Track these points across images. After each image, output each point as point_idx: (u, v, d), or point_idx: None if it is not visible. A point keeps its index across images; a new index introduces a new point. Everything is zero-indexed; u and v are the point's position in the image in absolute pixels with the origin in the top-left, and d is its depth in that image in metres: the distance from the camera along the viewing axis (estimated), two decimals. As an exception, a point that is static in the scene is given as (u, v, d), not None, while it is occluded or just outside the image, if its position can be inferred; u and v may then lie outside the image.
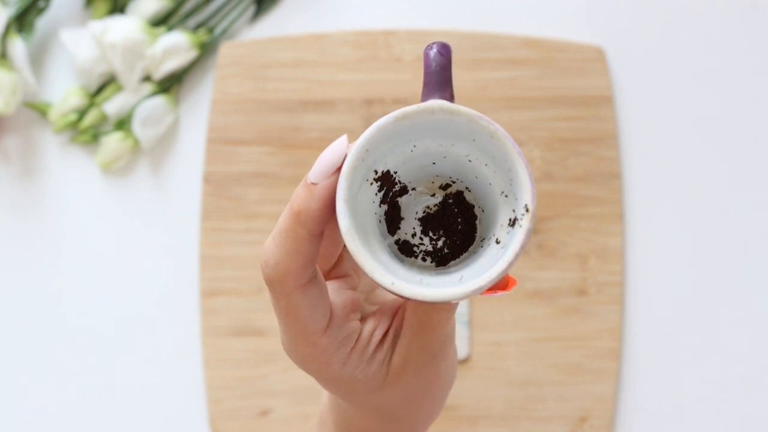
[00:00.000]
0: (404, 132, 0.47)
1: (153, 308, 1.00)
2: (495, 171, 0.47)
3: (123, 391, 0.99)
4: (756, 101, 1.00)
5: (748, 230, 0.99)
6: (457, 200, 0.50)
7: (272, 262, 0.49)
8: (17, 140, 1.01)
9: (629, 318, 0.99)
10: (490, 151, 0.47)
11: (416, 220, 0.50)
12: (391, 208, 0.50)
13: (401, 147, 0.48)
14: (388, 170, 0.48)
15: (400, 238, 0.50)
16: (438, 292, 0.46)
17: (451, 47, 0.48)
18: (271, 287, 0.50)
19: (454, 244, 0.50)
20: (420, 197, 0.50)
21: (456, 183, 0.50)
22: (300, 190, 0.48)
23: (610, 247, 0.98)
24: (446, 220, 0.50)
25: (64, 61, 1.02)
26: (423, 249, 0.50)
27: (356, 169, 0.47)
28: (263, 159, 0.99)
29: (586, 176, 0.98)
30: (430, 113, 0.46)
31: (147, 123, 0.99)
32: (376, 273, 0.46)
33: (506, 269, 0.46)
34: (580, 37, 1.00)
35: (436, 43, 0.48)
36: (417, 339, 0.52)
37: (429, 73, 0.47)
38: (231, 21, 1.01)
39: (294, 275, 0.49)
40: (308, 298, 0.50)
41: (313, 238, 0.49)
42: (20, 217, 1.01)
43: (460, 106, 0.46)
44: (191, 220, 1.00)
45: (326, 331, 0.51)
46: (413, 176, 0.49)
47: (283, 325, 0.51)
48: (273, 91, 1.00)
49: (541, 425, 0.97)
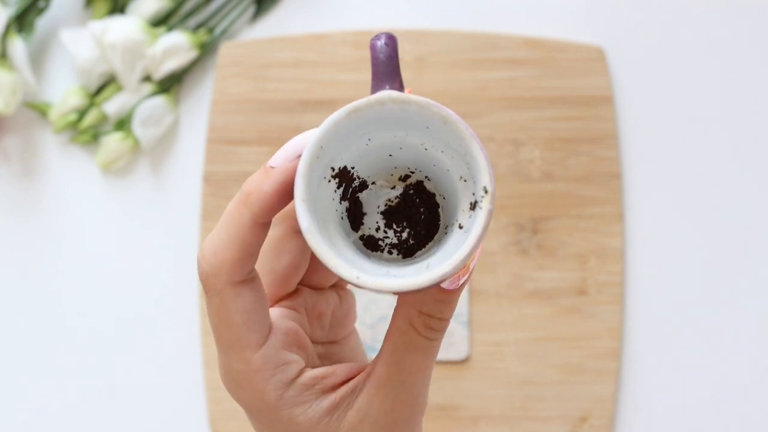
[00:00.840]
0: (358, 126, 0.46)
1: (153, 308, 1.00)
2: (452, 157, 0.47)
3: (123, 391, 0.99)
4: (756, 101, 1.00)
5: (749, 230, 0.99)
6: (418, 190, 0.49)
7: (209, 252, 0.47)
8: (17, 140, 1.01)
9: (629, 318, 0.99)
10: (445, 137, 0.46)
11: (379, 214, 0.49)
12: (352, 204, 0.49)
13: (356, 142, 0.47)
14: (345, 166, 0.48)
15: (365, 233, 0.49)
16: (403, 281, 0.45)
17: (397, 38, 0.48)
18: (204, 285, 0.48)
19: (418, 234, 0.49)
20: (380, 191, 0.49)
21: (415, 173, 0.49)
22: (256, 173, 0.47)
23: (610, 247, 0.98)
24: (408, 211, 0.49)
25: (64, 61, 1.02)
26: (388, 242, 0.49)
27: (312, 166, 0.46)
28: (263, 159, 0.99)
29: (586, 176, 0.98)
30: (381, 104, 0.46)
31: (147, 123, 0.99)
32: (340, 268, 0.45)
33: (470, 252, 0.45)
34: (580, 37, 1.00)
35: (383, 34, 0.47)
36: (383, 393, 0.48)
37: (377, 64, 0.47)
38: (231, 21, 1.01)
39: (229, 267, 0.47)
40: (242, 300, 0.47)
41: (257, 226, 0.47)
42: (20, 217, 1.01)
43: (410, 95, 0.46)
44: (191, 220, 1.00)
45: (262, 347, 0.48)
46: (372, 170, 0.49)
47: (216, 336, 0.48)
48: (273, 91, 1.00)
49: (541, 425, 0.97)
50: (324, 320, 0.53)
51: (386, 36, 0.47)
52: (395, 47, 0.47)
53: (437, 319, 0.48)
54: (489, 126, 0.99)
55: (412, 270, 0.47)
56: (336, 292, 0.54)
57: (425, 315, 0.48)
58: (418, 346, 0.48)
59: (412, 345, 0.48)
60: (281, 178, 0.46)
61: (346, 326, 0.54)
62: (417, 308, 0.48)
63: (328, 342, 0.53)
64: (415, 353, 0.48)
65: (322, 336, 0.53)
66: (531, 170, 0.98)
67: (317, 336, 0.53)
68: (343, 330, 0.54)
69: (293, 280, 0.51)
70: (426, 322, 0.48)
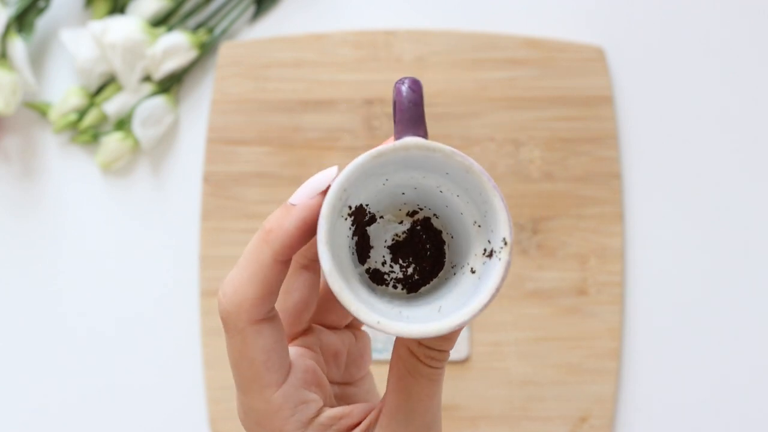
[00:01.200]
0: (378, 168, 0.47)
1: (153, 308, 1.00)
2: (467, 202, 0.47)
3: (123, 392, 0.99)
4: (756, 101, 1.00)
5: (749, 230, 0.99)
6: (425, 226, 0.50)
7: (230, 290, 0.47)
8: (17, 140, 1.01)
9: (629, 318, 0.99)
10: (464, 184, 0.47)
11: (386, 248, 0.50)
12: (360, 238, 0.49)
13: (374, 182, 0.48)
14: (361, 204, 0.48)
15: (371, 266, 0.49)
16: (424, 328, 0.45)
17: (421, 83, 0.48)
18: (225, 323, 0.47)
19: (423, 270, 0.49)
20: (388, 225, 0.50)
21: (423, 210, 0.49)
22: (276, 211, 0.47)
23: (610, 247, 0.98)
24: (415, 246, 0.50)
25: (64, 61, 1.02)
26: (393, 276, 0.50)
27: (335, 208, 0.46)
28: (263, 159, 0.99)
29: (586, 176, 0.98)
30: (405, 150, 0.46)
31: (147, 123, 0.99)
32: (361, 313, 0.45)
33: (489, 301, 0.45)
34: (580, 37, 1.00)
35: (407, 79, 0.47)
36: (394, 424, 0.48)
37: (402, 110, 0.47)
38: (231, 21, 1.01)
39: (250, 305, 0.47)
40: (263, 339, 0.47)
41: (277, 264, 0.46)
42: (20, 217, 1.01)
43: (436, 143, 0.46)
44: (191, 220, 1.00)
45: (282, 386, 0.48)
46: (382, 206, 0.49)
47: (236, 374, 0.48)
48: (273, 91, 1.00)
49: (541, 425, 0.97)
50: (340, 360, 0.53)
51: (411, 80, 0.47)
52: (420, 92, 0.47)
53: (438, 351, 0.48)
54: (489, 126, 0.99)
55: (424, 312, 0.47)
56: (351, 332, 0.54)
57: (425, 347, 0.48)
58: (422, 373, 0.48)
59: (416, 372, 0.48)
60: (302, 215, 0.46)
61: (361, 367, 0.54)
62: (417, 341, 0.48)
63: (344, 383, 0.53)
64: (420, 379, 0.48)
65: (338, 376, 0.53)
66: (531, 170, 0.98)
67: (333, 376, 0.53)
68: (359, 371, 0.54)
69: (304, 317, 0.51)
70: (426, 353, 0.48)
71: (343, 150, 0.98)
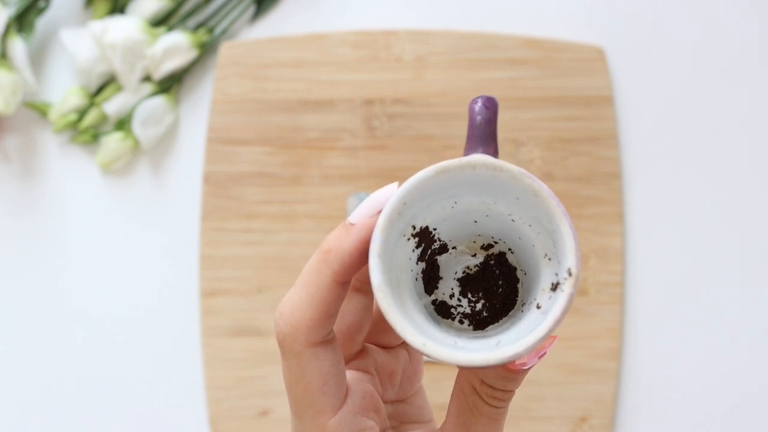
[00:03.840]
0: (444, 187, 0.45)
1: (153, 308, 1.00)
2: (539, 232, 0.45)
3: (123, 391, 0.99)
4: (756, 101, 1.00)
5: (749, 230, 0.99)
6: (499, 262, 0.47)
7: (287, 311, 0.46)
8: (17, 140, 1.01)
9: (629, 318, 0.99)
10: (534, 210, 0.45)
11: (455, 280, 0.48)
12: (429, 267, 0.47)
13: (441, 203, 0.46)
14: (427, 226, 0.46)
15: (438, 298, 0.48)
16: (471, 356, 0.43)
17: (497, 101, 0.46)
18: (281, 345, 0.46)
19: (493, 308, 0.47)
20: (460, 257, 0.48)
21: (498, 243, 0.47)
22: (335, 230, 0.45)
23: (610, 247, 0.98)
24: (487, 282, 0.47)
25: (64, 61, 1.02)
26: (461, 311, 0.47)
27: (393, 222, 0.44)
28: (263, 159, 0.99)
29: (586, 176, 0.98)
30: (472, 168, 0.44)
31: (147, 123, 0.99)
32: (407, 333, 0.43)
33: (546, 335, 0.43)
34: (580, 37, 1.00)
35: (481, 97, 0.46)
36: None
37: (473, 126, 0.46)
38: (231, 21, 1.01)
39: (308, 327, 0.45)
40: (320, 362, 0.46)
41: (337, 285, 0.45)
42: (20, 217, 1.01)
43: (504, 162, 0.44)
44: (191, 220, 1.00)
45: (338, 412, 0.46)
46: (454, 234, 0.47)
47: (291, 398, 0.47)
48: (273, 91, 1.00)
49: (541, 425, 0.97)
50: (395, 379, 0.52)
51: (485, 99, 0.46)
52: (495, 111, 0.46)
53: (501, 391, 0.47)
54: (489, 126, 0.99)
55: (481, 345, 0.45)
56: (405, 350, 0.53)
57: (487, 386, 0.47)
58: (482, 411, 0.47)
59: (477, 409, 0.47)
60: (362, 235, 0.45)
61: (414, 383, 0.53)
62: (480, 377, 0.47)
63: (397, 401, 0.52)
64: (481, 418, 0.47)
65: (393, 395, 0.52)
66: (531, 170, 0.98)
67: (388, 396, 0.52)
68: (412, 387, 0.53)
69: (358, 339, 0.50)
70: (489, 393, 0.47)
71: (343, 150, 0.98)
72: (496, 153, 0.46)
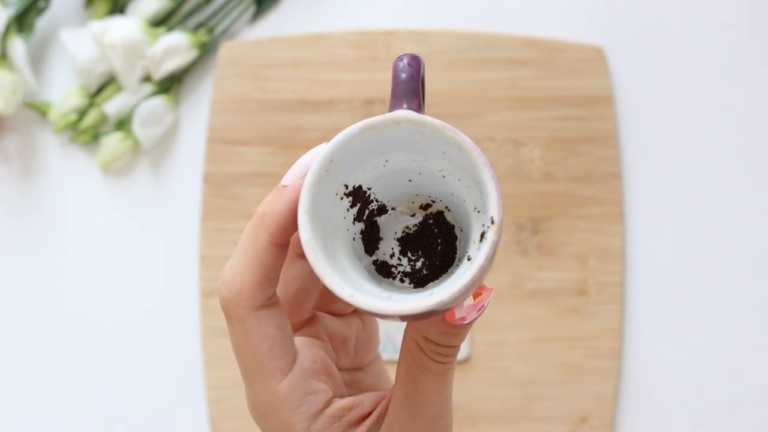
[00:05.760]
0: (373, 144, 0.45)
1: (153, 308, 1.00)
2: (468, 186, 0.46)
3: (123, 391, 0.99)
4: (756, 101, 1.00)
5: (749, 230, 0.99)
6: (438, 220, 0.48)
7: (228, 278, 0.46)
8: (17, 140, 1.01)
9: (629, 318, 0.99)
10: (461, 163, 0.45)
11: (395, 240, 0.48)
12: (369, 228, 0.48)
13: (372, 161, 0.46)
14: (360, 185, 0.47)
15: (378, 258, 0.48)
16: (397, 306, 0.43)
17: (423, 60, 0.47)
18: (225, 311, 0.46)
19: (433, 266, 0.48)
20: (400, 217, 0.48)
21: (436, 203, 0.48)
22: (269, 195, 0.46)
23: (610, 247, 0.98)
24: (426, 240, 0.48)
25: (64, 61, 1.02)
26: (401, 270, 0.48)
27: (321, 180, 0.45)
28: (263, 159, 0.99)
29: (586, 176, 0.98)
30: (396, 123, 0.45)
31: (147, 123, 0.99)
32: (335, 285, 0.44)
33: (471, 282, 0.43)
34: (580, 37, 1.00)
35: (406, 55, 0.47)
36: (403, 416, 0.47)
37: (397, 83, 0.46)
38: (231, 21, 1.01)
39: (249, 291, 0.46)
40: (265, 326, 0.46)
41: (274, 247, 0.46)
42: (20, 217, 1.01)
43: (427, 117, 0.45)
44: (191, 220, 1.00)
45: (288, 375, 0.46)
46: (391, 195, 0.48)
47: (240, 365, 0.47)
48: (273, 91, 1.00)
49: (541, 425, 0.97)
50: (348, 346, 0.52)
51: (410, 56, 0.46)
52: (418, 68, 0.46)
53: (444, 347, 0.47)
54: (489, 126, 0.99)
55: (414, 297, 0.45)
56: (358, 317, 0.53)
57: (431, 342, 0.47)
58: (429, 368, 0.47)
59: (423, 366, 0.47)
60: (294, 195, 0.45)
61: (369, 351, 0.53)
62: (423, 334, 0.47)
63: (354, 369, 0.52)
64: (428, 374, 0.47)
65: (348, 362, 0.52)
66: (531, 170, 0.98)
67: (343, 363, 0.52)
68: (368, 355, 0.53)
69: (306, 306, 0.50)
70: (433, 349, 0.47)
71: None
72: (420, 109, 0.46)
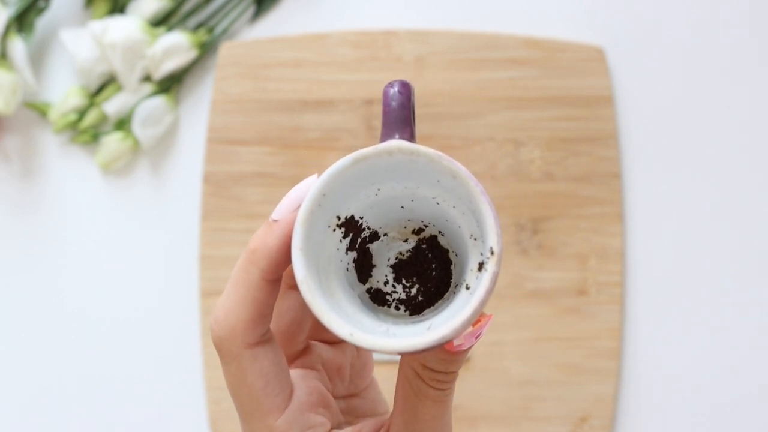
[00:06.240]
0: (365, 175, 0.44)
1: (153, 308, 1.00)
2: (463, 213, 0.45)
3: (123, 391, 0.99)
4: (756, 101, 1.00)
5: (749, 230, 0.99)
6: (431, 245, 0.47)
7: (221, 315, 0.45)
8: (17, 140, 1.01)
9: (629, 318, 0.99)
10: (456, 191, 0.44)
11: (388, 267, 0.47)
12: (361, 255, 0.47)
13: (364, 191, 0.45)
14: (353, 215, 0.45)
15: (372, 286, 0.47)
16: (399, 342, 0.42)
17: (413, 87, 0.46)
18: (219, 350, 0.46)
19: (428, 291, 0.47)
20: (392, 243, 0.47)
21: (429, 227, 0.47)
22: (260, 229, 0.45)
23: (610, 247, 0.98)
24: (420, 266, 0.47)
25: (64, 61, 1.02)
26: (396, 297, 0.47)
27: (313, 214, 0.44)
28: (263, 159, 0.99)
29: (586, 176, 0.98)
30: (389, 154, 0.44)
31: (147, 123, 0.99)
32: (333, 324, 0.43)
33: (472, 316, 0.43)
34: (580, 37, 1.00)
35: (396, 81, 0.46)
36: None
37: (388, 111, 0.45)
38: (231, 21, 1.01)
39: (243, 329, 0.45)
40: (259, 363, 0.45)
41: (267, 284, 0.45)
42: (20, 217, 1.01)
43: (420, 146, 0.44)
44: (191, 220, 1.00)
45: (285, 411, 0.46)
46: (383, 221, 0.47)
47: (236, 403, 0.46)
48: (273, 91, 1.00)
49: (541, 425, 0.97)
50: (344, 373, 0.51)
51: (400, 83, 0.46)
52: (409, 95, 0.45)
53: (443, 373, 0.47)
54: (489, 126, 0.99)
55: (414, 330, 0.45)
56: None
57: (429, 369, 0.46)
58: (427, 395, 0.47)
59: (422, 393, 0.47)
60: (285, 231, 0.44)
61: (364, 377, 0.53)
62: (421, 362, 0.46)
63: (349, 395, 0.52)
64: (426, 401, 0.47)
65: (343, 390, 0.51)
66: (531, 170, 0.98)
67: (339, 391, 0.51)
68: (363, 381, 0.52)
69: (299, 338, 0.49)
70: (431, 376, 0.47)
71: (343, 150, 0.98)
72: (413, 137, 0.45)
